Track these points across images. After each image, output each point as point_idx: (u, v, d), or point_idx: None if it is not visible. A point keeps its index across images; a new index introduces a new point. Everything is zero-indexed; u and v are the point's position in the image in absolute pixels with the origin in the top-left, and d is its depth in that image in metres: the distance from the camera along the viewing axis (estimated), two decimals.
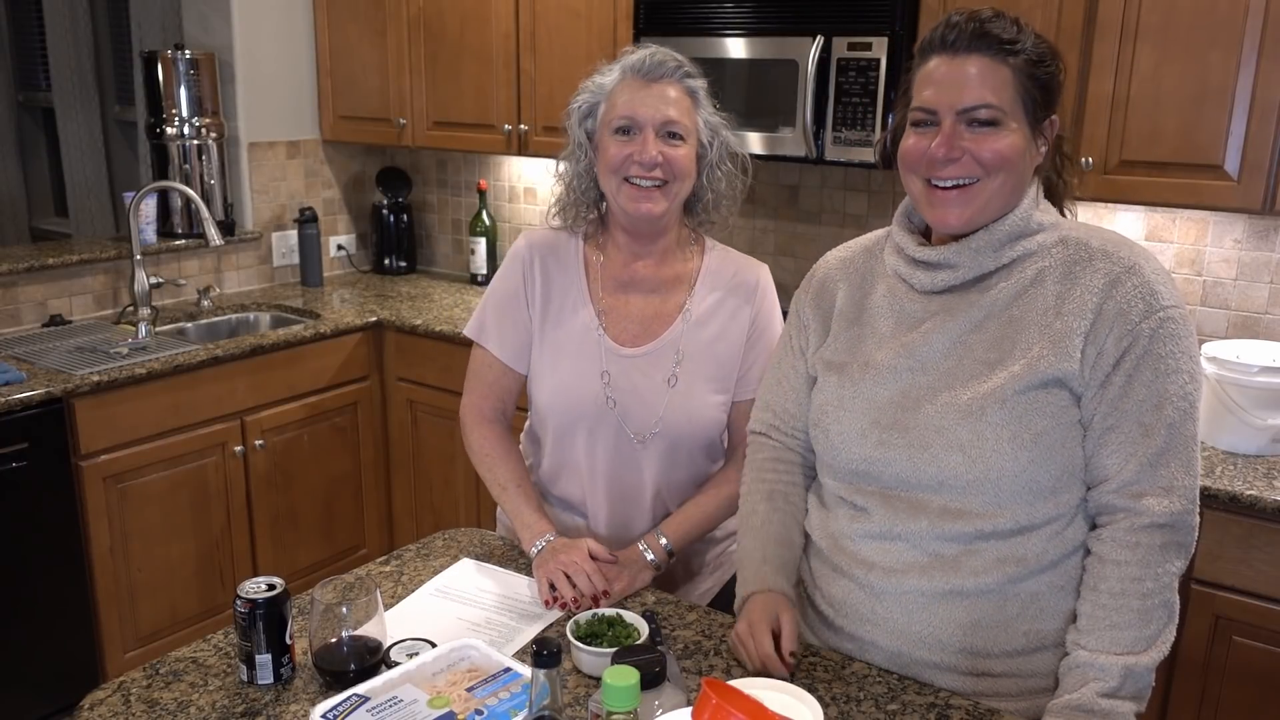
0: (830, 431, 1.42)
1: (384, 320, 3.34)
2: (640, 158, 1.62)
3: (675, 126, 1.64)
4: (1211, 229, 2.52)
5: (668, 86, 1.65)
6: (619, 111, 1.64)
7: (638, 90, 1.64)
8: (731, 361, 1.74)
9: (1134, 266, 1.29)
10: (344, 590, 1.36)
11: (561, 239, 1.78)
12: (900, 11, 2.47)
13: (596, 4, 2.99)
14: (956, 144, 1.29)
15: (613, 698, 1.00)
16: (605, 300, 1.74)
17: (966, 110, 1.28)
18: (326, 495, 3.32)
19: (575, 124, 1.71)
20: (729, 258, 1.79)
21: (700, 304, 1.74)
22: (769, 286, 1.78)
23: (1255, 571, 2.04)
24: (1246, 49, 2.12)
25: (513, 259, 1.78)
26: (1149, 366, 1.26)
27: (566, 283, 1.75)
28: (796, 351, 1.53)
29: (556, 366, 1.73)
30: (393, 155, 4.05)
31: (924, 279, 1.37)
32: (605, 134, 1.66)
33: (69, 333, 3.06)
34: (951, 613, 1.33)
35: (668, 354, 1.72)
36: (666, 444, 1.71)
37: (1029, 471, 1.28)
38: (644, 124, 1.63)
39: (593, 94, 1.69)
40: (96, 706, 1.30)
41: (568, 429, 1.74)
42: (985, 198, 1.30)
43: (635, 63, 1.65)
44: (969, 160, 1.29)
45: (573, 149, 1.72)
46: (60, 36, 4.83)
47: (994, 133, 1.29)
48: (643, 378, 1.71)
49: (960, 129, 1.29)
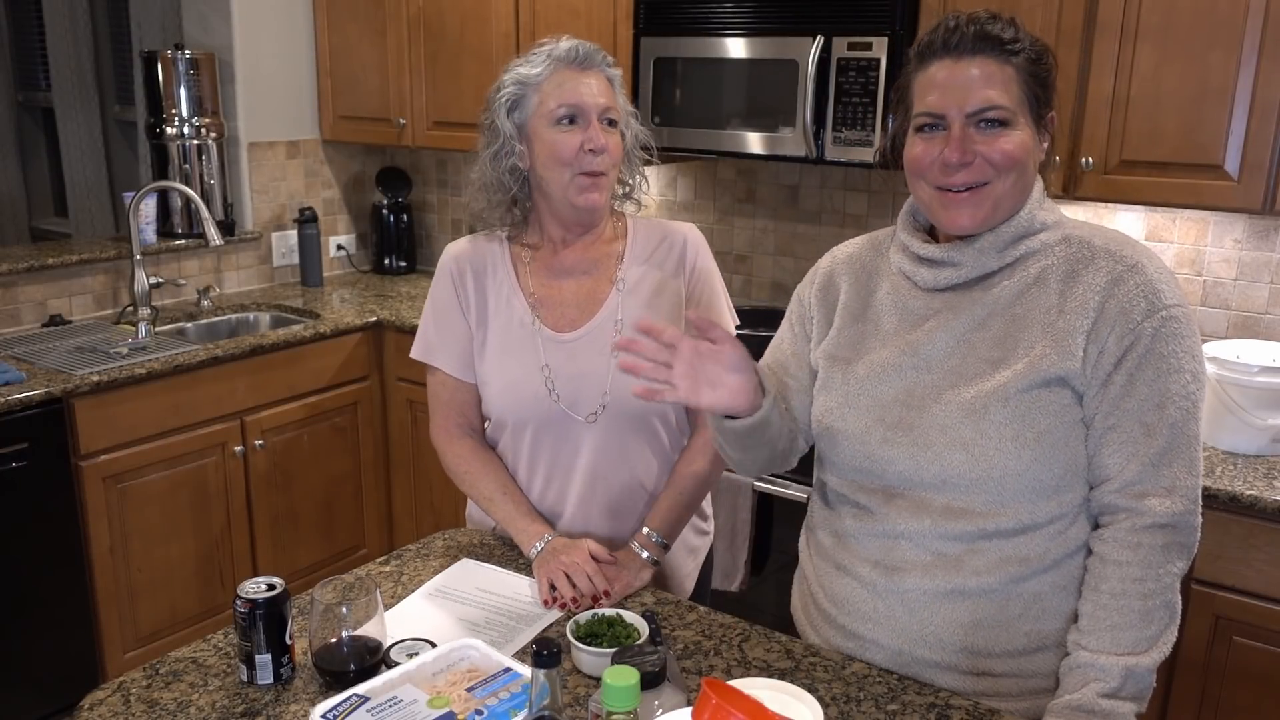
0: (834, 430, 1.42)
1: (384, 320, 3.34)
2: (592, 145, 1.61)
3: (611, 113, 1.64)
4: (1212, 229, 2.52)
5: (597, 75, 1.65)
6: (562, 100, 1.61)
7: (573, 78, 1.63)
8: (675, 322, 1.72)
9: (1137, 265, 1.28)
10: (344, 590, 1.36)
11: (483, 245, 1.77)
12: (900, 11, 2.46)
13: (596, 4, 2.99)
14: (969, 148, 1.28)
15: (613, 698, 1.00)
16: (537, 292, 1.73)
17: (977, 112, 1.28)
18: (326, 495, 3.32)
19: (502, 117, 1.65)
20: (653, 225, 1.78)
21: (632, 272, 1.73)
22: (699, 241, 1.77)
23: (1255, 571, 2.04)
24: (1247, 49, 2.12)
25: (441, 274, 1.77)
26: (1151, 366, 1.26)
27: (496, 283, 1.74)
28: (799, 335, 1.52)
29: (500, 369, 1.72)
30: (393, 155, 4.05)
31: (928, 276, 1.37)
32: (542, 126, 1.63)
33: (69, 333, 3.06)
34: (953, 612, 1.33)
35: (607, 329, 1.70)
36: (617, 418, 1.70)
37: (1032, 470, 1.28)
38: (589, 111, 1.62)
39: (519, 86, 1.64)
40: (96, 706, 1.30)
41: (519, 428, 1.74)
42: (997, 198, 1.30)
43: (566, 52, 1.64)
44: (981, 163, 1.29)
45: (499, 146, 1.67)
46: (60, 36, 4.83)
47: (1004, 133, 1.29)
48: (586, 361, 1.69)
49: (970, 132, 1.29)
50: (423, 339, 1.80)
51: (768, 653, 1.42)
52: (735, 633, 1.48)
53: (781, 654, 1.42)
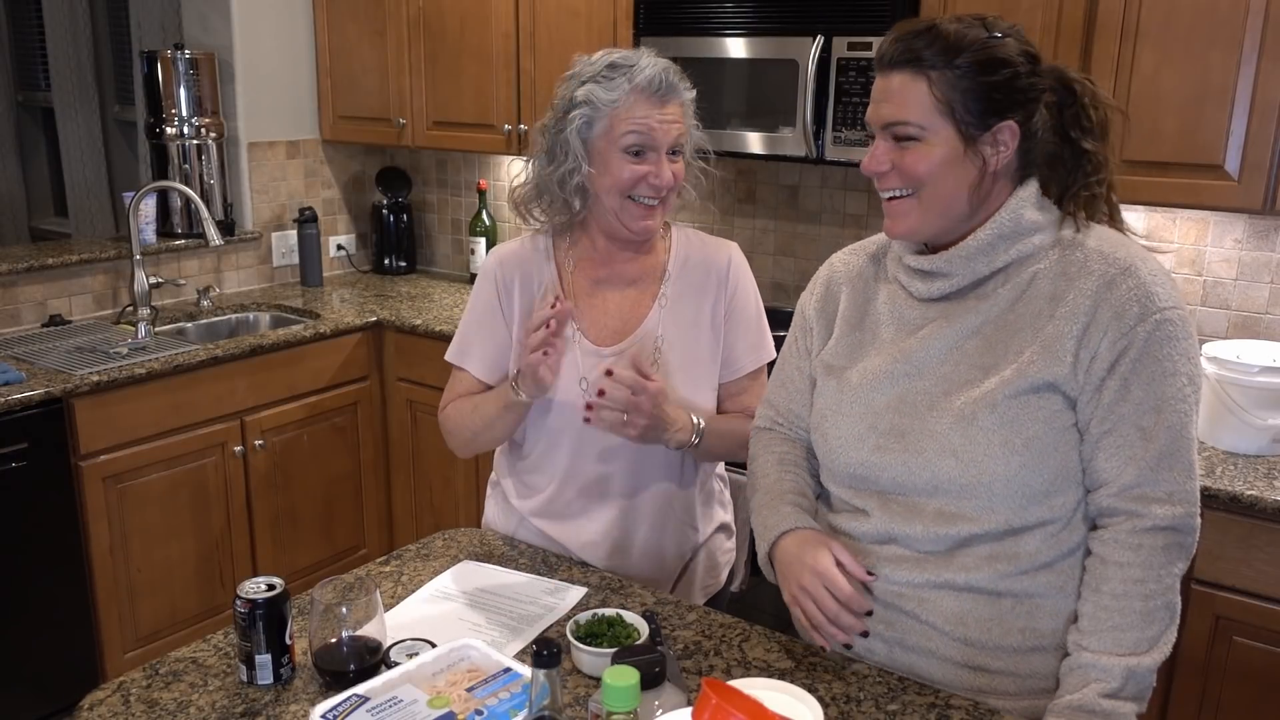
0: (829, 436, 1.42)
1: (384, 320, 3.34)
2: (656, 180, 1.62)
3: (679, 144, 1.65)
4: (1212, 229, 2.52)
5: (675, 105, 1.64)
6: (633, 132, 1.61)
7: (651, 110, 1.61)
8: (713, 343, 1.74)
9: (1130, 268, 1.28)
10: (344, 590, 1.36)
11: (528, 250, 1.76)
12: (900, 12, 2.46)
13: (596, 4, 2.99)
14: (885, 158, 1.32)
15: (613, 698, 1.00)
16: (580, 300, 1.74)
17: (888, 126, 1.31)
18: (326, 495, 3.32)
19: (573, 134, 1.63)
20: (696, 240, 1.79)
21: (675, 289, 1.74)
22: (741, 262, 1.78)
23: (1255, 571, 2.04)
24: (1247, 49, 2.12)
25: (485, 277, 1.77)
26: (1146, 370, 1.26)
27: (540, 290, 1.74)
28: (802, 352, 1.54)
29: None
30: (393, 155, 4.05)
31: (922, 287, 1.38)
32: (611, 151, 1.62)
33: (69, 333, 3.06)
34: (943, 601, 1.34)
35: (647, 344, 1.71)
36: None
37: (1020, 476, 1.28)
38: (660, 146, 1.62)
39: (593, 108, 1.62)
40: (96, 706, 1.30)
41: (555, 440, 1.74)
42: (920, 210, 1.33)
43: (647, 82, 1.60)
44: (895, 174, 1.32)
45: (563, 156, 1.66)
46: (60, 36, 4.83)
47: (913, 148, 1.30)
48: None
49: (889, 144, 1.32)
50: (459, 342, 1.80)
51: (768, 653, 1.42)
52: (735, 633, 1.48)
53: (781, 654, 1.42)
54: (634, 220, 1.65)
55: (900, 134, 1.30)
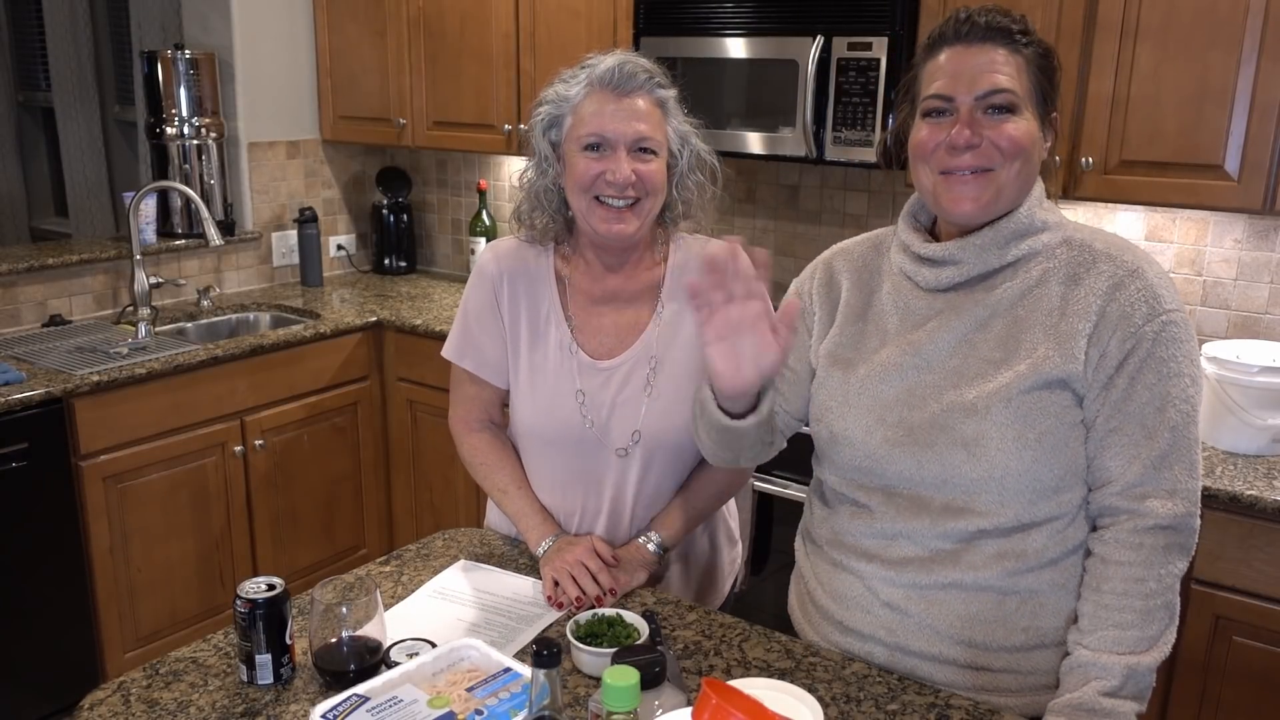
0: (834, 428, 1.41)
1: (384, 320, 3.34)
2: (612, 178, 1.54)
3: (647, 142, 1.56)
4: (1212, 229, 2.52)
5: (638, 99, 1.56)
6: (588, 127, 1.55)
7: (606, 104, 1.55)
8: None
9: (1137, 270, 1.29)
10: (344, 590, 1.36)
11: (528, 253, 1.73)
12: (900, 11, 2.47)
13: (596, 4, 2.99)
14: (977, 130, 1.28)
15: (613, 698, 1.00)
16: (578, 316, 1.70)
17: (985, 95, 1.28)
18: (326, 495, 3.32)
19: (539, 136, 1.61)
20: (696, 249, 1.71)
21: (672, 305, 1.69)
22: None
23: (1255, 571, 2.04)
24: (1247, 48, 2.12)
25: (480, 276, 1.73)
26: (1152, 369, 1.27)
27: (538, 299, 1.71)
28: (801, 332, 1.50)
29: (534, 388, 1.70)
30: (393, 155, 4.05)
31: (929, 276, 1.37)
32: (573, 149, 1.57)
33: (69, 333, 3.06)
34: (950, 604, 1.34)
35: (643, 360, 1.68)
36: (649, 453, 1.67)
37: (1032, 470, 1.28)
38: (615, 142, 1.54)
39: (555, 105, 1.59)
40: (96, 706, 1.30)
41: (547, 448, 1.72)
42: (1000, 185, 1.30)
43: (604, 74, 1.55)
44: (988, 146, 1.29)
45: (538, 162, 1.64)
46: (60, 36, 4.83)
47: (1011, 119, 1.29)
48: (619, 390, 1.67)
49: (978, 116, 1.29)
50: (455, 339, 1.77)
51: (768, 653, 1.42)
52: (735, 633, 1.48)
53: (781, 654, 1.42)
54: (601, 223, 1.58)
55: (1001, 103, 1.28)
